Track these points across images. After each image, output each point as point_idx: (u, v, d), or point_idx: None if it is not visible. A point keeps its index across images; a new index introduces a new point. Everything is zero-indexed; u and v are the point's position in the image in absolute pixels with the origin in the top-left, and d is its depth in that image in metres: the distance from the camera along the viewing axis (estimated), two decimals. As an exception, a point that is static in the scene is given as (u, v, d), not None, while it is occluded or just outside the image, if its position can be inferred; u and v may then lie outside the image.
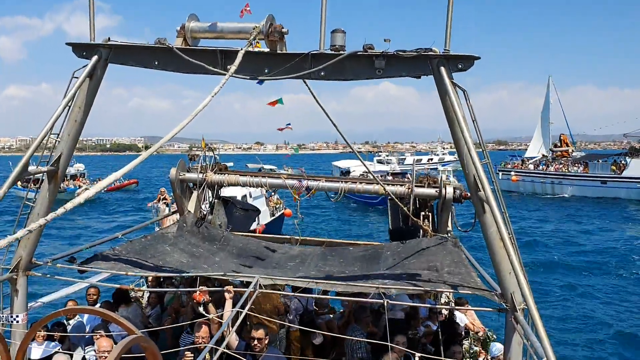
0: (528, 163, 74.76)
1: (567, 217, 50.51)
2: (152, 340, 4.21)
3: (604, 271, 29.52)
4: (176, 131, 4.49)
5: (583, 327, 20.66)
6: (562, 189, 66.66)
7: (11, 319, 7.09)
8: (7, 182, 6.32)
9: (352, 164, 67.42)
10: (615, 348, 18.80)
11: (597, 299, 24.38)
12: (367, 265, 8.58)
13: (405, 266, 7.86)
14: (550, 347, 5.17)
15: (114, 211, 53.93)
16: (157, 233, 9.81)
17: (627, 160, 61.03)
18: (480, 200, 6.24)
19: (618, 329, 20.50)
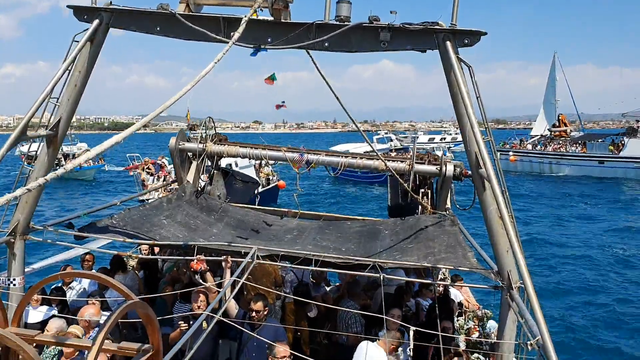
0: (526, 143, 74.56)
1: (563, 196, 50.58)
2: (149, 306, 4.21)
3: (600, 250, 29.70)
4: (177, 97, 4.43)
5: (578, 306, 20.82)
6: (559, 168, 66.54)
7: (8, 282, 7.11)
8: (6, 144, 6.27)
9: (350, 147, 66.34)
10: (611, 324, 18.99)
11: (593, 277, 24.57)
12: (365, 239, 8.59)
13: (402, 241, 7.87)
14: (545, 326, 5.19)
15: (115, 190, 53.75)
16: (155, 202, 9.79)
17: (625, 140, 60.83)
18: (481, 178, 6.22)
19: (612, 305, 20.71)
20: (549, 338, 4.99)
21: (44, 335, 4.29)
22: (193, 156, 11.18)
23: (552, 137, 71.82)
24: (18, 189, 3.64)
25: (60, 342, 4.56)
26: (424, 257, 7.17)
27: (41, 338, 4.26)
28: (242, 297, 8.83)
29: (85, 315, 7.36)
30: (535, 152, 70.83)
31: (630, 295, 22.12)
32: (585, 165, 63.90)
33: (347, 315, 9.00)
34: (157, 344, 4.18)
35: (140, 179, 36.64)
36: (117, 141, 3.88)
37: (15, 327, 4.39)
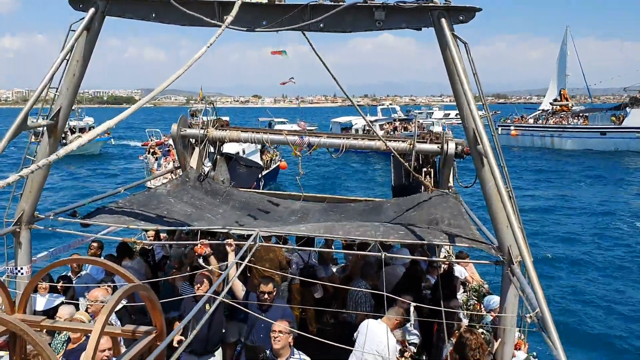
0: (527, 117, 74.11)
1: (565, 169, 50.44)
2: (151, 289, 4.29)
3: (600, 222, 29.71)
4: (170, 81, 4.46)
5: (577, 279, 20.92)
6: (561, 142, 66.10)
7: (16, 271, 7.22)
8: (7, 136, 6.33)
9: (353, 118, 65.27)
10: (608, 297, 19.16)
11: (595, 249, 24.64)
12: (368, 219, 8.63)
13: (405, 219, 7.90)
14: (543, 299, 5.24)
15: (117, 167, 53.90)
16: (159, 187, 9.86)
17: (627, 110, 60.21)
18: (479, 155, 6.24)
19: (611, 276, 20.86)
20: (547, 310, 5.04)
21: (50, 320, 4.37)
22: (195, 142, 11.22)
23: (553, 111, 71.32)
24: (24, 169, 3.69)
25: (66, 327, 4.66)
26: (426, 234, 7.21)
27: (47, 323, 4.36)
28: (249, 280, 8.93)
29: (96, 297, 7.46)
30: (536, 126, 70.38)
31: (631, 267, 22.22)
32: (587, 137, 63.41)
33: (357, 295, 9.09)
34: (160, 326, 4.26)
35: (150, 164, 36.26)
36: (110, 125, 3.92)
37: (21, 314, 4.49)
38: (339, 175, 47.87)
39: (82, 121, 59.86)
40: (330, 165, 52.20)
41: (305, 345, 7.00)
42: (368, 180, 45.06)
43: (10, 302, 4.60)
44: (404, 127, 59.44)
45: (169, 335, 4.03)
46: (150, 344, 4.16)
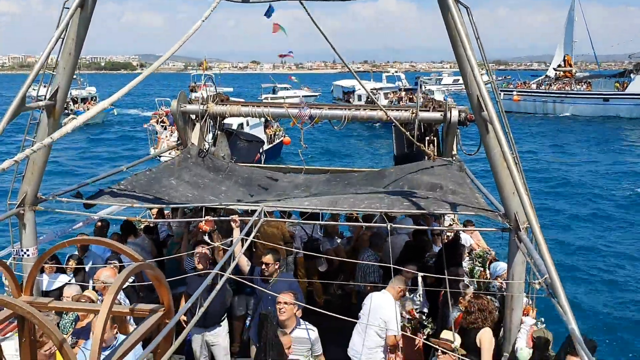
0: (530, 83, 73.46)
1: (567, 135, 50.24)
2: (157, 267, 4.27)
3: (603, 189, 29.68)
4: (168, 55, 4.38)
5: (582, 245, 20.99)
6: (563, 108, 65.64)
7: (22, 253, 7.22)
8: (5, 117, 6.26)
9: (356, 82, 63.72)
10: (611, 263, 19.24)
11: (597, 216, 24.69)
12: (371, 189, 8.59)
13: (409, 189, 7.85)
14: (552, 265, 5.21)
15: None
16: (161, 165, 9.82)
17: (632, 76, 59.59)
18: (484, 121, 6.16)
19: (612, 243, 20.91)
20: (556, 276, 5.02)
21: (58, 302, 4.36)
22: (196, 118, 11.13)
23: (557, 77, 70.69)
24: (27, 149, 3.64)
25: (73, 308, 4.65)
26: (431, 203, 7.17)
27: (54, 305, 4.35)
28: (254, 255, 8.94)
29: (101, 277, 7.48)
30: (539, 92, 69.82)
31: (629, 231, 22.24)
32: (589, 104, 62.94)
33: (365, 265, 9.11)
34: (167, 304, 4.25)
35: (155, 133, 36.05)
36: (104, 106, 3.86)
37: (27, 296, 4.47)
38: (342, 146, 47.67)
39: (84, 90, 59.40)
40: (333, 136, 51.96)
41: (312, 317, 7.03)
42: (372, 151, 44.87)
43: (16, 284, 4.58)
44: (410, 97, 58.19)
45: (177, 313, 4.01)
46: (159, 322, 4.15)
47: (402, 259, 8.42)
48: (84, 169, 36.05)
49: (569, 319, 4.72)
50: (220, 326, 7.84)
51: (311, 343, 6.62)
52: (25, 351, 4.53)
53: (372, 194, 7.90)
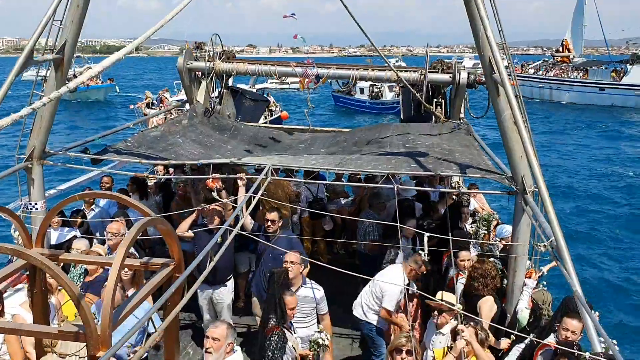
0: (528, 68, 72.47)
1: (563, 122, 49.99)
2: (166, 221, 4.29)
3: (600, 174, 29.66)
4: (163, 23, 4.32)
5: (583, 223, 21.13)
6: (559, 94, 65.07)
7: (30, 206, 7.27)
8: (13, 70, 6.23)
9: None
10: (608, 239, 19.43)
11: (590, 204, 24.74)
12: (378, 149, 8.56)
13: (415, 150, 7.83)
14: (559, 227, 5.26)
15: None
16: (168, 123, 9.79)
17: (628, 67, 58.76)
18: (495, 83, 6.10)
19: (611, 224, 21.05)
20: (562, 239, 5.06)
21: (68, 254, 4.41)
22: (202, 75, 11.05)
23: (554, 62, 69.67)
24: (35, 102, 3.63)
25: (84, 260, 4.71)
26: (437, 165, 7.17)
27: (65, 257, 4.40)
28: (258, 212, 8.99)
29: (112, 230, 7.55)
30: (536, 77, 69.03)
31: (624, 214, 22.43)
32: (585, 92, 62.30)
33: (364, 225, 9.15)
34: (178, 258, 4.30)
35: (142, 114, 36.28)
36: (119, 58, 3.83)
37: (39, 248, 4.52)
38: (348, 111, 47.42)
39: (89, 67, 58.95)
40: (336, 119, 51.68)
41: (316, 276, 7.12)
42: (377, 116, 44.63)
43: (28, 236, 4.63)
44: None
45: (188, 267, 4.06)
46: (170, 275, 4.21)
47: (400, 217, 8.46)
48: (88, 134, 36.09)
49: (573, 282, 4.78)
50: (225, 286, 7.94)
51: (316, 302, 6.71)
52: (38, 302, 4.62)
53: (379, 155, 7.88)
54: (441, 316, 6.26)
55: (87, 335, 3.38)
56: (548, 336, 5.58)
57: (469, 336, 5.36)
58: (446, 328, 6.28)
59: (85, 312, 3.33)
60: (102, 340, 3.36)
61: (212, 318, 7.94)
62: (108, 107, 56.41)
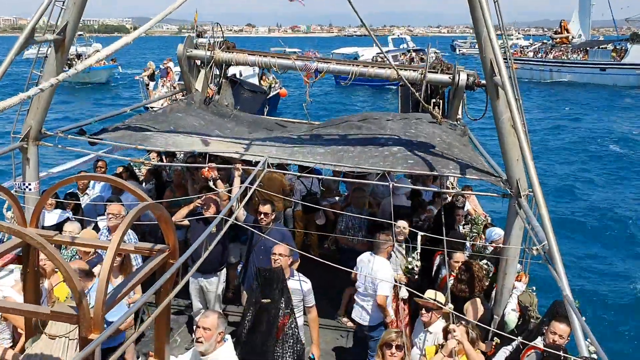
0: (527, 51, 72.35)
1: (563, 103, 50.02)
2: (163, 207, 4.30)
3: (600, 154, 29.79)
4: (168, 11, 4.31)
5: (578, 211, 21.18)
6: (560, 76, 64.79)
7: (24, 186, 7.24)
8: (13, 49, 6.20)
9: (359, 49, 60.79)
10: (613, 231, 19.43)
11: (594, 184, 24.83)
12: (377, 129, 8.54)
13: (411, 148, 7.85)
14: (552, 232, 5.30)
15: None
16: (166, 108, 9.76)
17: (628, 46, 58.70)
18: (495, 86, 6.13)
19: (613, 209, 21.15)
20: (554, 243, 5.10)
21: (62, 235, 4.41)
22: (201, 64, 11.00)
23: (553, 44, 69.55)
24: (30, 89, 3.62)
25: (79, 243, 4.70)
26: (434, 165, 7.19)
27: (60, 238, 4.39)
28: (251, 204, 8.99)
29: (113, 211, 7.54)
30: (536, 60, 68.88)
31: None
32: (586, 73, 62.16)
33: (344, 218, 9.07)
34: (173, 244, 4.30)
35: (145, 84, 35.72)
36: (127, 42, 3.82)
37: (34, 228, 4.51)
38: (346, 105, 47.21)
39: (91, 47, 58.46)
40: (337, 94, 51.45)
41: (307, 271, 7.14)
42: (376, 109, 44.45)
43: (23, 215, 4.62)
44: (421, 57, 54.88)
45: (183, 254, 4.07)
46: (164, 262, 4.21)
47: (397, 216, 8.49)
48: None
49: (563, 286, 4.82)
50: (217, 276, 7.96)
51: (303, 294, 6.73)
52: (29, 283, 4.61)
53: (377, 147, 7.87)
54: (429, 314, 6.31)
55: (80, 317, 3.38)
56: (535, 339, 5.63)
57: (461, 336, 5.39)
58: (434, 327, 6.34)
59: (79, 294, 3.33)
60: (94, 323, 3.36)
61: (202, 306, 7.95)
62: (110, 89, 56.04)
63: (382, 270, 7.22)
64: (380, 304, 7.16)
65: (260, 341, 6.14)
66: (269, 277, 6.27)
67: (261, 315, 6.19)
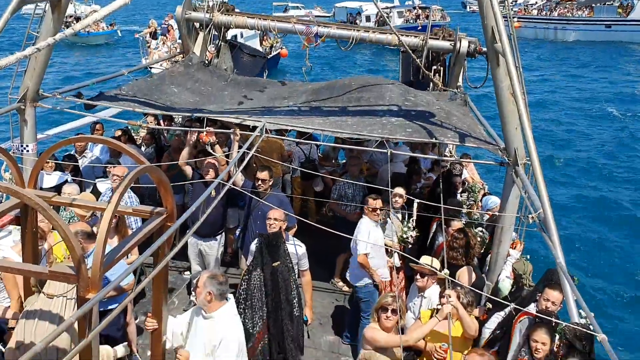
0: (531, 8, 71.13)
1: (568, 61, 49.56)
2: (161, 170, 4.31)
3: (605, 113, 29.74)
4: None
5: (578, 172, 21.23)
6: (565, 34, 63.67)
7: (22, 148, 7.23)
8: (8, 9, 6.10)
9: (362, 3, 57.28)
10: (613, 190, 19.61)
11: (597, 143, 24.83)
12: (376, 100, 8.50)
13: (410, 116, 7.83)
14: (547, 200, 5.33)
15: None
16: (163, 72, 9.68)
17: (634, 2, 57.60)
18: (496, 53, 6.08)
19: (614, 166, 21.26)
20: (550, 211, 5.14)
21: (60, 197, 4.43)
22: (200, 27, 10.87)
23: (558, 1, 68.26)
24: (27, 48, 3.58)
25: (76, 204, 4.72)
26: (433, 133, 7.18)
27: (58, 200, 4.42)
28: (248, 169, 8.99)
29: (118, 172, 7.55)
30: (540, 18, 67.72)
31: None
32: (591, 30, 61.03)
33: (343, 189, 9.04)
34: (170, 207, 4.33)
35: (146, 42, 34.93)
36: (126, 2, 3.76)
37: (32, 189, 4.53)
38: (346, 68, 46.68)
39: (89, 6, 57.48)
40: (337, 58, 50.69)
41: (304, 236, 7.19)
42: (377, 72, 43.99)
43: (21, 177, 4.64)
44: (427, 15, 52.61)
45: (180, 217, 4.10)
46: (161, 224, 4.25)
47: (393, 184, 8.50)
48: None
49: (557, 254, 4.87)
50: (216, 240, 8.01)
51: (298, 258, 6.79)
52: (28, 243, 4.66)
53: (376, 114, 7.84)
54: (424, 279, 6.39)
55: (78, 277, 3.43)
56: (528, 305, 5.71)
57: (456, 301, 5.47)
58: (429, 292, 6.42)
59: (77, 253, 3.37)
60: (92, 283, 3.41)
61: (200, 269, 8.04)
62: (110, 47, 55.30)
63: (361, 231, 7.31)
64: (360, 262, 7.27)
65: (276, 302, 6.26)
66: (273, 241, 6.33)
67: (275, 277, 6.27)
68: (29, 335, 4.38)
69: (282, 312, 6.25)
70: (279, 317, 6.27)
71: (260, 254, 6.32)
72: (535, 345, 5.05)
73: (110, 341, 5.70)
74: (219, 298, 4.80)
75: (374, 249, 7.28)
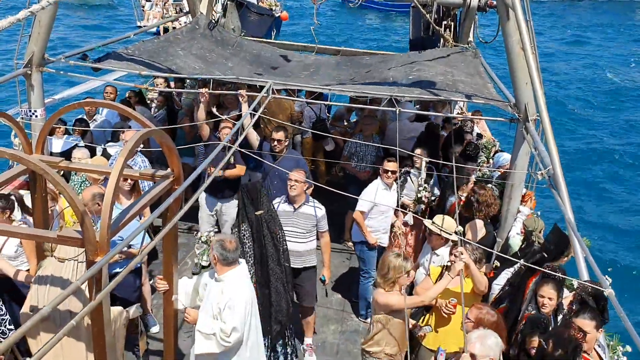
0: None
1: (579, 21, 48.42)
2: (167, 134, 4.31)
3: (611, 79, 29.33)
4: None
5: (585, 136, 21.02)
6: None
7: (30, 113, 7.23)
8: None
9: None
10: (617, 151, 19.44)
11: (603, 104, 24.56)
12: (381, 73, 8.43)
13: (420, 73, 7.71)
14: (557, 157, 5.27)
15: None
16: (170, 34, 9.58)
17: None
18: (505, 6, 5.93)
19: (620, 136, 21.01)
20: (559, 168, 5.09)
21: (68, 162, 4.45)
22: (206, -15, 10.67)
23: None
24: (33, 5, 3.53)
25: (83, 169, 4.75)
26: (442, 82, 7.09)
27: (65, 164, 4.44)
28: (259, 131, 8.98)
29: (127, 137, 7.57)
30: None
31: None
32: None
33: (355, 147, 9.01)
34: (177, 170, 4.35)
35: (140, 5, 34.20)
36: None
37: (39, 154, 4.55)
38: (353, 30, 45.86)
39: None
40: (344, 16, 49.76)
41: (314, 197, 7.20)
42: (385, 35, 43.22)
43: (28, 143, 4.66)
44: None
45: (187, 178, 4.10)
46: (169, 187, 4.27)
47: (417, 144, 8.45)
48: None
49: (566, 210, 4.84)
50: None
51: (317, 220, 6.80)
52: (38, 208, 4.71)
53: (381, 77, 7.76)
54: (437, 237, 6.39)
55: (86, 241, 3.47)
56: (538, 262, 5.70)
57: (467, 258, 5.47)
58: (441, 250, 6.43)
59: (84, 217, 3.40)
60: (100, 246, 3.45)
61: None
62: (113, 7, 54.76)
63: (368, 190, 7.38)
64: (354, 217, 7.38)
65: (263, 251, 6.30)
66: (251, 190, 6.33)
67: (260, 226, 6.29)
68: (42, 299, 4.47)
69: (269, 259, 6.27)
70: (265, 264, 6.29)
71: (244, 205, 6.34)
72: (542, 300, 5.08)
73: (128, 304, 5.79)
74: (223, 263, 4.83)
75: (375, 211, 7.30)
